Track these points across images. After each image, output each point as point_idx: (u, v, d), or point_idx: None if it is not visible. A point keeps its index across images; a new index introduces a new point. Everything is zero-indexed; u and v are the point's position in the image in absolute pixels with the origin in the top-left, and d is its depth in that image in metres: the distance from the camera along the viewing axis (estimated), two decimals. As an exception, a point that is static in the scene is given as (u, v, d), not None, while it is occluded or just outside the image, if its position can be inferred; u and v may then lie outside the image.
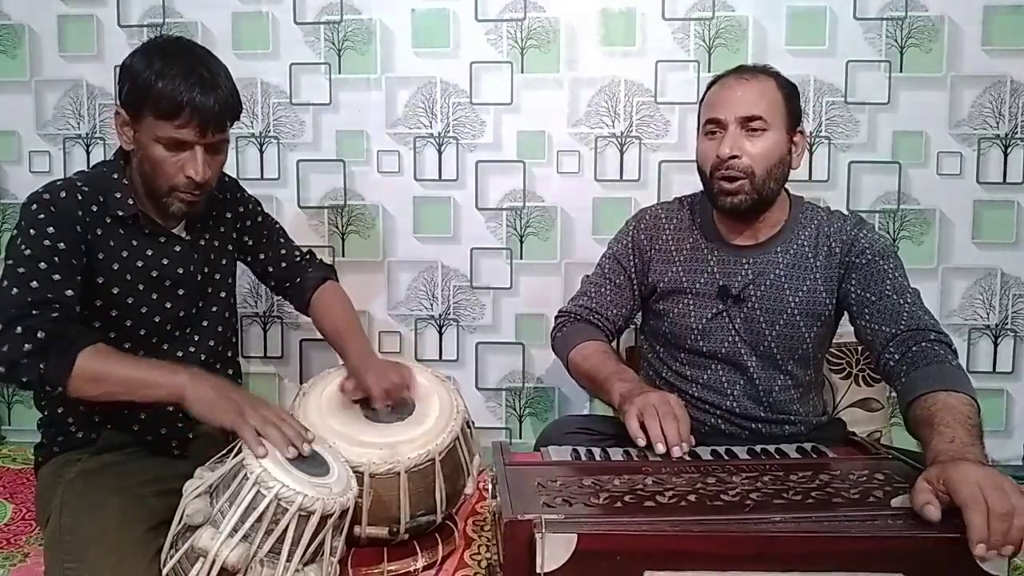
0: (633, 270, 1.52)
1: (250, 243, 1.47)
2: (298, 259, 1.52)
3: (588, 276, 1.61)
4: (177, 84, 1.17)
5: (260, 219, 1.49)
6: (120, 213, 1.24)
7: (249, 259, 1.49)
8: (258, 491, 1.00)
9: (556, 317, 1.59)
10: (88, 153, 2.02)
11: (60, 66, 2.00)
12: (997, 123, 1.88)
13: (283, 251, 1.51)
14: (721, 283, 1.43)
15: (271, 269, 1.50)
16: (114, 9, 1.97)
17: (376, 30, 1.95)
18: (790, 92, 1.39)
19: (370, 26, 1.95)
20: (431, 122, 1.96)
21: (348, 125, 1.98)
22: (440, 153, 1.97)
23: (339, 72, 1.96)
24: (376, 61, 1.95)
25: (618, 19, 1.91)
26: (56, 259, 1.16)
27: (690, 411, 1.28)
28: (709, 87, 1.43)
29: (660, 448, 1.19)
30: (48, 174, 2.01)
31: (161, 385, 1.12)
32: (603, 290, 1.53)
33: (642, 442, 1.20)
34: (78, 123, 2.02)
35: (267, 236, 1.49)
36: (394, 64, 1.95)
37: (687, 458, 1.19)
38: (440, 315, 2.02)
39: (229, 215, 1.43)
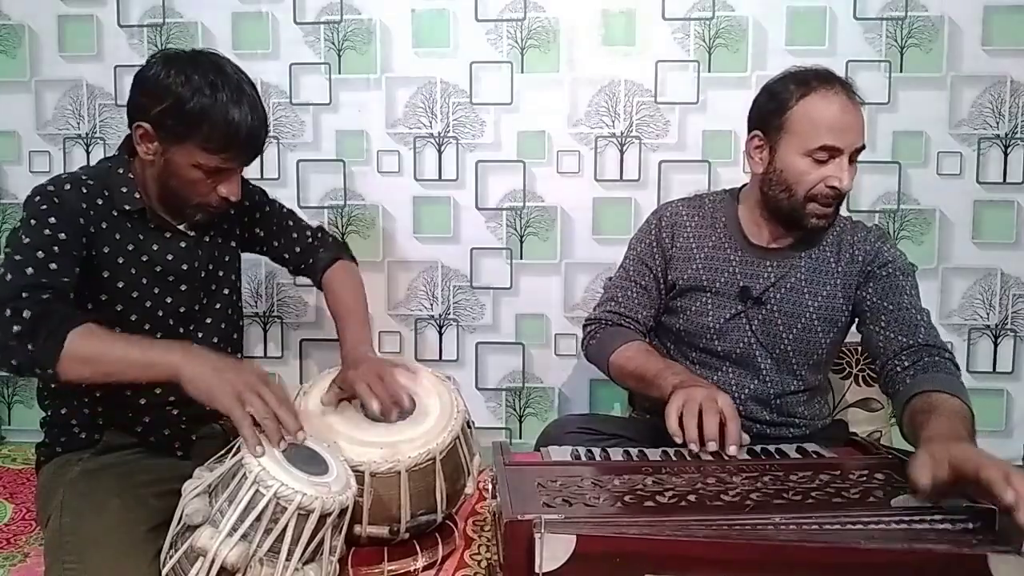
0: (658, 269, 1.50)
1: (262, 234, 1.48)
2: (310, 240, 1.53)
3: (612, 279, 1.59)
4: (232, 118, 1.16)
5: (268, 208, 1.50)
6: (127, 207, 1.24)
7: (265, 248, 1.50)
8: (257, 490, 1.00)
9: (585, 325, 1.57)
10: (88, 153, 2.02)
11: (60, 66, 2.00)
12: (997, 123, 1.88)
13: (295, 235, 1.52)
14: (743, 284, 1.42)
15: (287, 256, 1.52)
16: (114, 9, 1.97)
17: (376, 30, 1.95)
18: None
19: (370, 26, 1.95)
20: (431, 122, 1.96)
21: (348, 125, 1.98)
22: (440, 153, 1.97)
23: (339, 72, 1.96)
24: (376, 61, 1.95)
25: (618, 19, 1.91)
26: (55, 248, 1.14)
27: None
28: (801, 96, 1.31)
29: (693, 448, 1.17)
30: (48, 174, 1.99)
31: (155, 363, 1.08)
32: (630, 293, 1.52)
33: (679, 440, 1.18)
34: (78, 123, 2.02)
35: (277, 223, 1.50)
36: (394, 64, 1.95)
37: (726, 456, 1.17)
38: (440, 315, 2.02)
39: (234, 211, 1.42)
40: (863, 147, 1.34)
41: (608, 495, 1.03)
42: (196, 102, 1.15)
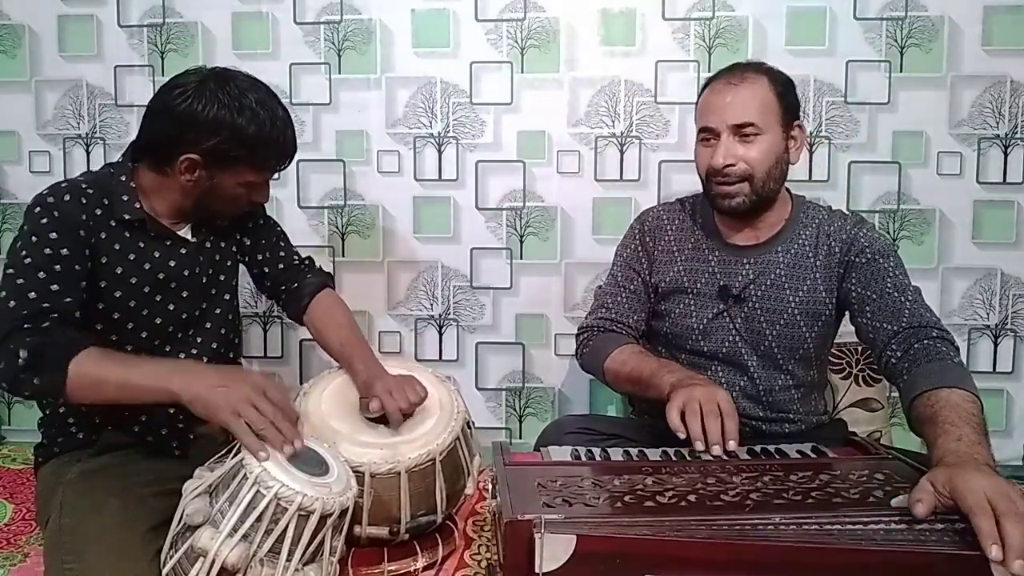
0: (646, 272, 1.52)
1: (248, 243, 1.45)
2: (296, 263, 1.49)
3: (601, 287, 1.60)
4: (284, 137, 1.24)
5: (262, 220, 1.47)
6: (127, 216, 1.24)
7: (247, 259, 1.47)
8: (257, 491, 1.00)
9: (578, 335, 1.57)
10: (88, 153, 2.02)
11: (60, 66, 2.00)
12: (997, 123, 1.88)
13: (281, 254, 1.48)
14: (722, 283, 1.43)
15: (267, 270, 1.47)
16: (114, 9, 1.97)
17: (376, 30, 1.95)
18: (784, 88, 1.38)
19: (370, 26, 1.95)
20: (431, 122, 1.96)
21: (348, 125, 1.98)
22: (440, 153, 1.97)
23: (339, 72, 1.96)
24: (376, 61, 1.95)
25: (618, 19, 1.91)
26: (57, 267, 1.15)
27: None
28: (703, 90, 1.43)
29: (699, 446, 1.17)
30: (48, 174, 2.01)
31: (153, 388, 1.11)
32: (620, 299, 1.52)
33: (682, 435, 1.18)
34: (78, 123, 2.02)
35: (266, 238, 1.47)
36: (394, 64, 1.95)
37: (725, 457, 1.17)
38: (440, 315, 2.02)
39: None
40: (749, 123, 1.34)
41: (608, 495, 1.03)
42: (252, 129, 1.20)
